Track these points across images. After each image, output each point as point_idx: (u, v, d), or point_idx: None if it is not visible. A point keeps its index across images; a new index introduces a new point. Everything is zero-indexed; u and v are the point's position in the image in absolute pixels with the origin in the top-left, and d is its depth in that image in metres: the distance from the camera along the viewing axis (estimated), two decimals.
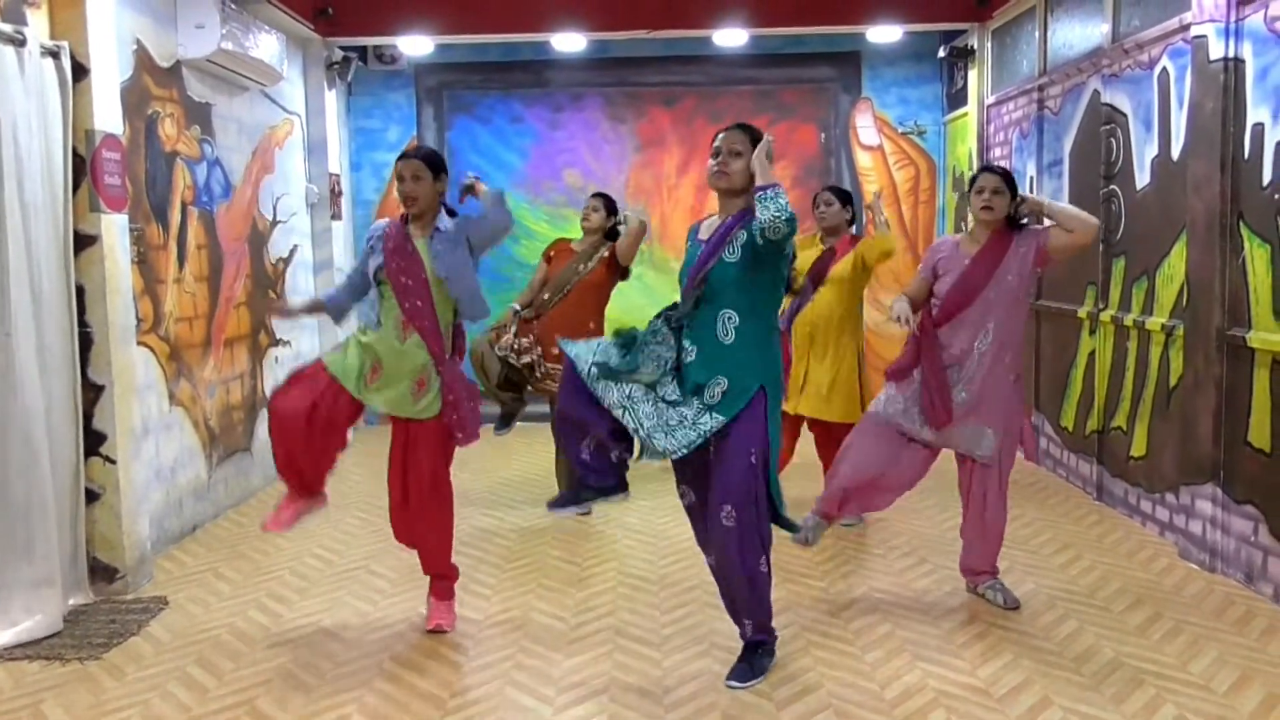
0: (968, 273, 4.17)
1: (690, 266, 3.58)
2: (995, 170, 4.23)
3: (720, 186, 3.55)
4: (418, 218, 4.03)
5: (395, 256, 3.97)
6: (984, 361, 4.15)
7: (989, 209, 4.15)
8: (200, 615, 4.38)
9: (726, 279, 3.46)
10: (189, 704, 3.54)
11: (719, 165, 3.53)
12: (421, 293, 3.96)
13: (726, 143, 3.53)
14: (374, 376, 3.99)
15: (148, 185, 5.22)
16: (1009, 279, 4.13)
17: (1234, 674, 3.59)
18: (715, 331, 3.47)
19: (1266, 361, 4.23)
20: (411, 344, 3.97)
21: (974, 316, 4.15)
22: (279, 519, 4.09)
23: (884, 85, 8.66)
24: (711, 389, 3.46)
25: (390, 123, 8.69)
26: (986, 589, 4.35)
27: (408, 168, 4.02)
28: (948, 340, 4.20)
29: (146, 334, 5.13)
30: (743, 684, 3.59)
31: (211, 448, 5.87)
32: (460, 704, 3.50)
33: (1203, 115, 4.56)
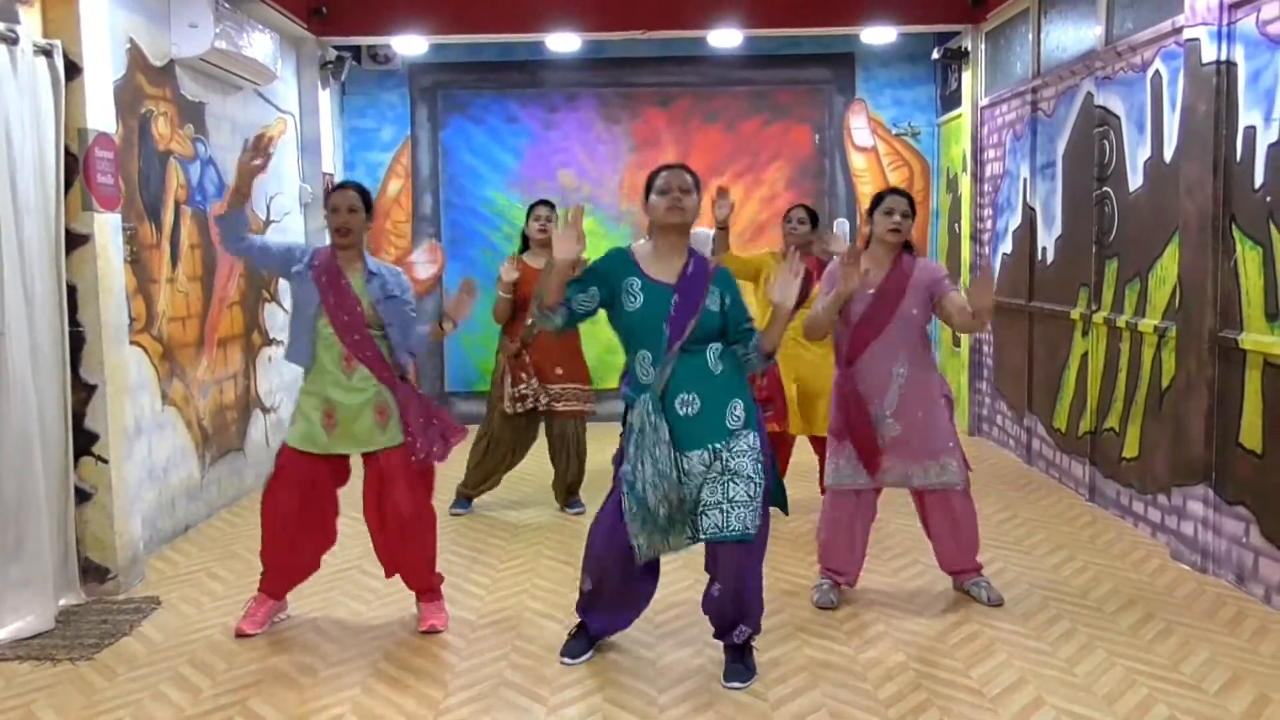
0: (875, 306, 4.17)
1: (664, 315, 3.44)
2: (902, 193, 4.25)
3: (676, 221, 3.50)
4: (346, 250, 4.00)
5: (330, 293, 3.94)
6: (907, 393, 4.18)
7: (897, 231, 4.16)
8: (193, 615, 4.37)
9: (711, 326, 3.50)
10: (181, 704, 3.53)
11: (674, 202, 3.47)
12: (360, 328, 3.95)
13: (677, 181, 3.49)
14: (330, 423, 3.98)
15: (141, 184, 5.20)
16: (913, 312, 4.18)
17: (1225, 674, 3.60)
18: (707, 368, 3.50)
19: (1258, 363, 4.24)
20: (359, 377, 3.97)
21: (885, 347, 4.18)
22: (254, 620, 4.15)
23: (878, 86, 8.68)
24: (732, 413, 3.50)
25: (384, 122, 8.68)
26: (971, 585, 4.38)
27: (344, 199, 3.96)
28: (865, 373, 4.21)
29: (139, 333, 5.12)
30: (745, 684, 3.60)
31: (204, 447, 5.86)
32: (454, 704, 3.49)
33: (1195, 118, 4.57)
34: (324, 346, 3.98)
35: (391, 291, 4.01)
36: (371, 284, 3.99)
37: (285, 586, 4.22)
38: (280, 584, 4.19)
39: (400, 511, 4.03)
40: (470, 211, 8.75)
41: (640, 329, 3.48)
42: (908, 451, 4.21)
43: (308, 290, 3.97)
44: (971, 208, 7.82)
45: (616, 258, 3.55)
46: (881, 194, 4.27)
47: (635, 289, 3.48)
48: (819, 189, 8.71)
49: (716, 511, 3.44)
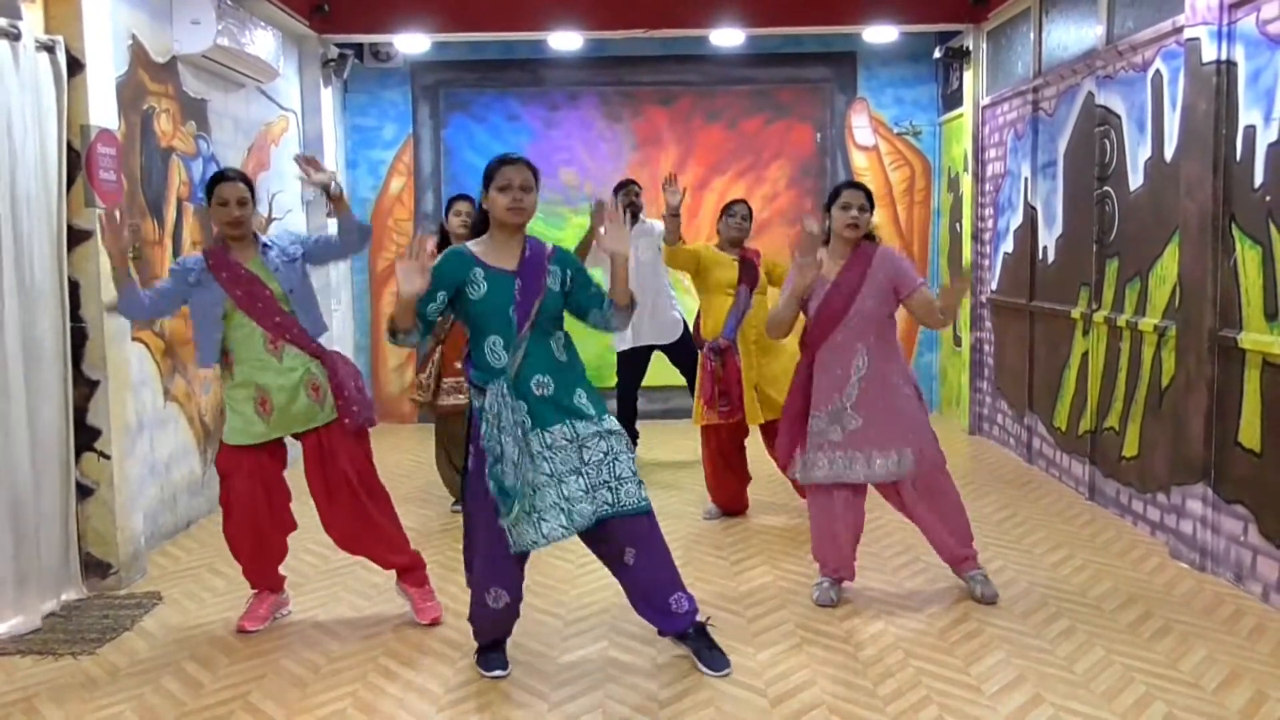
0: (829, 298, 4.18)
1: (509, 299, 3.48)
2: (859, 186, 4.24)
3: (520, 221, 3.55)
4: (239, 241, 3.99)
5: (235, 286, 3.92)
6: (868, 385, 4.18)
7: (854, 226, 4.16)
8: (194, 611, 4.38)
9: (555, 308, 3.58)
10: (183, 699, 3.54)
11: (517, 201, 3.51)
12: (275, 309, 3.95)
13: (520, 178, 3.52)
14: (265, 410, 3.96)
15: (143, 181, 5.22)
16: (868, 304, 4.17)
17: (1223, 672, 3.61)
18: (553, 354, 3.57)
19: (1257, 363, 4.25)
20: (289, 357, 3.96)
21: (843, 340, 4.19)
22: (255, 616, 4.16)
23: (880, 85, 8.68)
24: (580, 399, 3.57)
25: (386, 120, 8.69)
26: (969, 577, 4.38)
27: (233, 192, 3.92)
28: (826, 364, 4.22)
29: (141, 330, 5.14)
30: (730, 667, 3.65)
31: (206, 444, 5.87)
32: (455, 699, 3.51)
33: (1195, 117, 4.58)
34: (242, 340, 3.94)
35: (290, 254, 4.04)
36: (268, 258, 3.99)
37: (268, 577, 4.20)
38: (263, 576, 4.18)
39: (350, 483, 4.02)
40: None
41: (488, 316, 3.50)
42: (865, 442, 4.20)
43: (213, 293, 3.92)
44: (973, 207, 7.83)
45: (454, 258, 3.56)
46: (839, 187, 4.26)
47: (479, 278, 3.51)
48: (820, 188, 8.71)
49: (605, 490, 3.50)
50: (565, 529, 3.46)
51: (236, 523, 4.05)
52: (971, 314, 7.90)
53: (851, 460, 4.23)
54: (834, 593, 4.35)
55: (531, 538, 3.45)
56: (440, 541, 5.30)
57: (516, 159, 3.56)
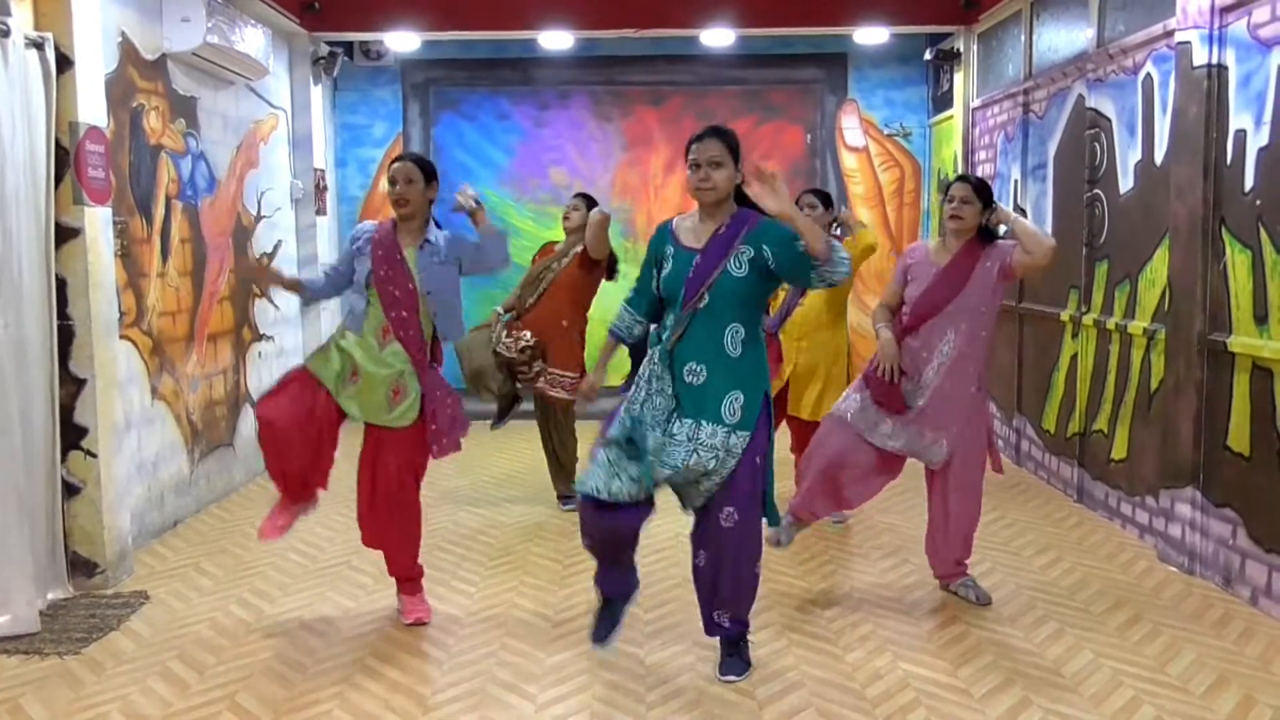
0: (934, 285, 4.21)
1: (684, 276, 3.43)
2: (968, 180, 4.26)
3: (708, 201, 3.46)
4: (406, 221, 4.01)
5: (384, 265, 3.96)
6: (946, 373, 4.21)
7: (957, 218, 4.19)
8: (181, 610, 4.36)
9: (731, 293, 3.40)
10: (169, 699, 3.52)
11: (702, 180, 3.43)
12: (408, 303, 3.96)
13: (705, 154, 3.43)
14: (353, 380, 3.99)
15: (132, 178, 5.19)
16: (972, 294, 4.18)
17: (1211, 676, 3.61)
18: (723, 346, 3.42)
19: (1247, 366, 4.26)
20: (390, 352, 3.97)
21: (938, 327, 4.21)
22: (274, 525, 4.09)
23: (870, 87, 8.69)
24: (730, 405, 3.41)
25: (376, 119, 8.67)
26: (959, 586, 4.39)
27: (401, 170, 3.98)
28: (912, 347, 4.25)
29: (129, 328, 5.10)
30: (740, 676, 3.62)
31: (194, 442, 5.84)
32: (442, 700, 3.49)
33: (1186, 121, 4.59)
34: (369, 314, 4.00)
35: (441, 258, 4.00)
36: (423, 254, 3.99)
37: (303, 489, 4.08)
38: (296, 489, 4.07)
39: (390, 490, 4.02)
40: None
41: (668, 292, 3.50)
42: (920, 420, 4.22)
43: (363, 263, 3.99)
44: None
45: (657, 236, 3.60)
46: (950, 181, 4.32)
47: (668, 255, 3.52)
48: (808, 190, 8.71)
49: (679, 450, 3.40)
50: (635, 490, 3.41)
51: (270, 417, 3.95)
52: None
53: (898, 431, 4.24)
54: (790, 534, 4.35)
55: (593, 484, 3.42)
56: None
57: (706, 133, 3.45)
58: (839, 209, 5.39)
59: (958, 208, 4.17)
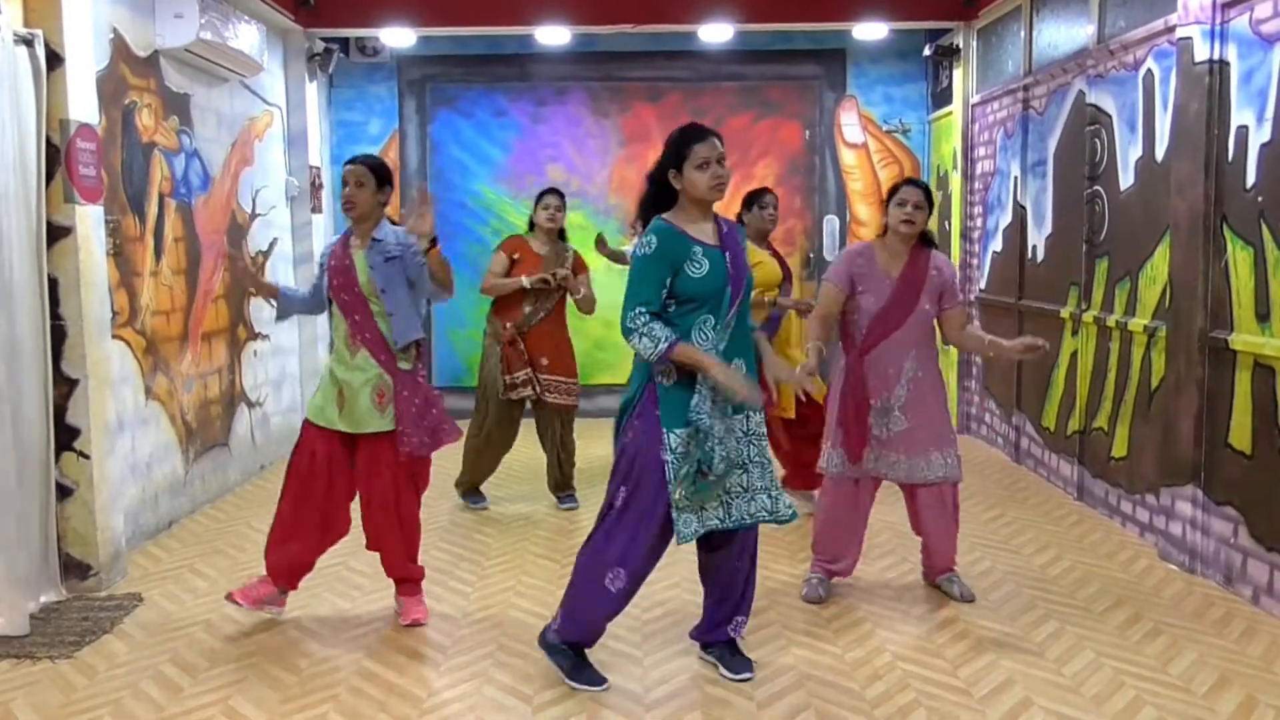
0: (897, 296, 4.15)
1: (725, 274, 3.37)
2: (919, 184, 4.23)
3: (720, 199, 3.45)
4: (358, 224, 4.00)
5: (336, 274, 3.98)
6: (916, 389, 4.18)
7: (910, 223, 4.14)
8: (175, 612, 4.32)
9: (748, 290, 3.51)
10: (162, 702, 3.49)
11: (716, 176, 3.37)
12: (360, 307, 3.95)
13: (717, 153, 3.39)
14: (340, 400, 3.98)
15: (124, 176, 5.14)
16: (926, 308, 4.17)
17: (1213, 675, 3.59)
18: (749, 336, 3.50)
19: (1248, 364, 4.23)
20: (361, 357, 3.97)
21: (900, 341, 4.17)
22: (248, 594, 4.10)
23: (869, 83, 8.65)
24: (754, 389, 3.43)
25: (372, 115, 8.62)
26: (943, 580, 4.38)
27: (352, 173, 3.98)
28: (877, 364, 4.18)
29: (122, 327, 5.07)
30: (754, 673, 3.61)
31: (188, 442, 5.81)
32: (438, 703, 3.46)
33: (1187, 117, 4.56)
34: (336, 327, 4.05)
35: (390, 253, 3.96)
36: (371, 253, 3.96)
37: (287, 568, 4.10)
38: (284, 564, 4.08)
39: (384, 499, 4.01)
40: (459, 205, 8.69)
41: (707, 293, 3.35)
42: (914, 445, 4.18)
43: (324, 277, 4.05)
44: (962, 205, 7.81)
45: (671, 239, 3.35)
46: (897, 184, 4.26)
47: (699, 256, 3.35)
48: (809, 185, 8.69)
49: (765, 497, 3.44)
50: (721, 522, 3.38)
51: (287, 493, 4.03)
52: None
53: (894, 462, 4.21)
54: (822, 589, 4.34)
55: (694, 528, 3.35)
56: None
57: (706, 134, 3.41)
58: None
59: (912, 213, 4.13)
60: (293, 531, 4.06)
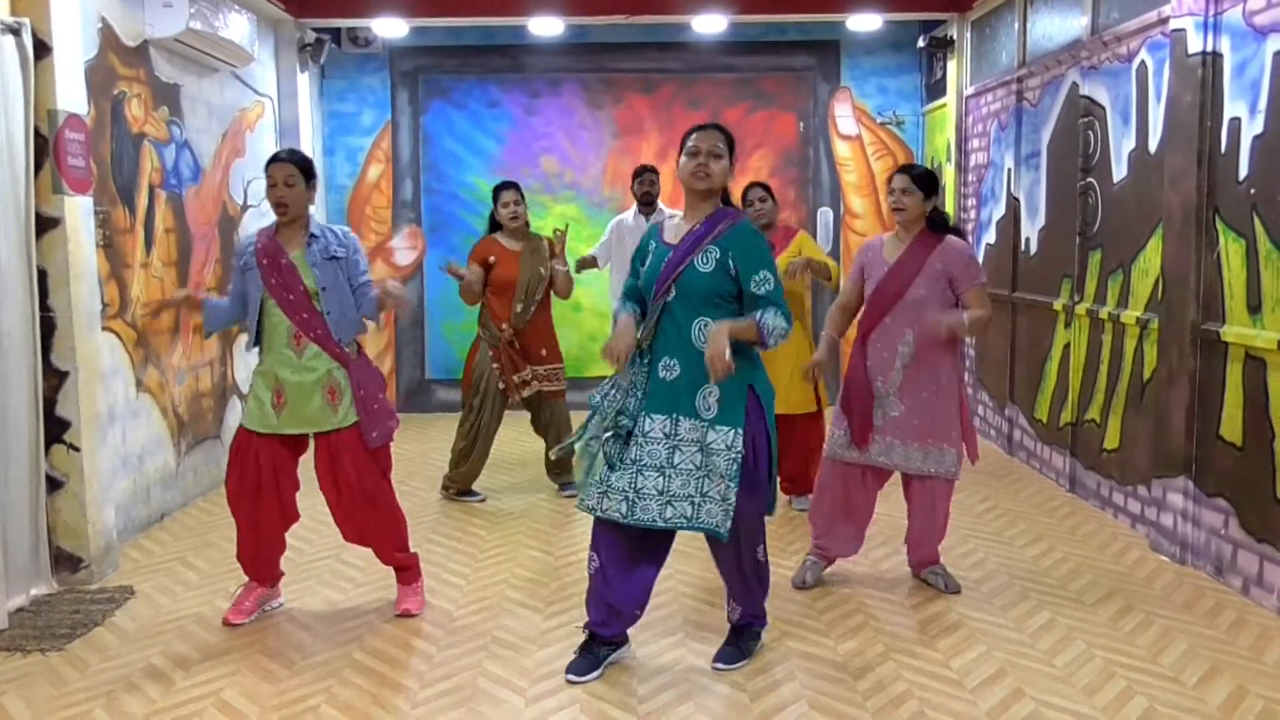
0: (885, 280, 4.21)
1: (656, 273, 3.43)
2: (907, 170, 4.24)
3: (702, 188, 3.42)
4: (288, 224, 3.95)
5: (272, 273, 3.90)
6: (913, 374, 4.17)
7: (899, 209, 4.19)
8: (167, 605, 4.31)
9: (697, 288, 3.37)
10: (154, 696, 3.48)
11: (699, 166, 3.39)
12: (306, 305, 3.90)
13: (707, 143, 3.41)
14: (279, 403, 3.94)
15: (114, 167, 5.11)
16: (920, 292, 4.15)
17: (1204, 666, 3.60)
18: (692, 341, 3.38)
19: (1240, 356, 4.24)
20: (309, 355, 3.92)
21: (893, 324, 4.19)
22: (240, 609, 4.09)
23: (863, 75, 8.63)
24: (705, 399, 3.38)
25: (364, 106, 8.58)
26: (928, 574, 4.40)
27: (280, 172, 3.89)
28: (875, 347, 4.23)
29: (113, 319, 5.04)
30: (729, 666, 3.60)
31: (180, 435, 5.79)
32: (431, 695, 3.46)
33: (1180, 109, 4.55)
34: (272, 328, 3.93)
35: (333, 253, 3.94)
36: (311, 250, 3.92)
37: (263, 570, 4.13)
38: (258, 566, 4.11)
39: (354, 489, 3.99)
40: (451, 197, 8.67)
41: (645, 288, 3.50)
42: (908, 432, 4.19)
43: (254, 278, 3.93)
44: (955, 197, 7.80)
45: (646, 234, 3.63)
46: (891, 173, 4.33)
47: (649, 250, 3.54)
48: (803, 177, 8.68)
49: (686, 504, 3.36)
50: (622, 516, 3.39)
51: (236, 505, 4.01)
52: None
53: (890, 447, 4.22)
54: (810, 575, 4.37)
55: (589, 503, 3.44)
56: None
57: (710, 124, 3.49)
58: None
59: (898, 199, 4.18)
60: (259, 544, 4.05)
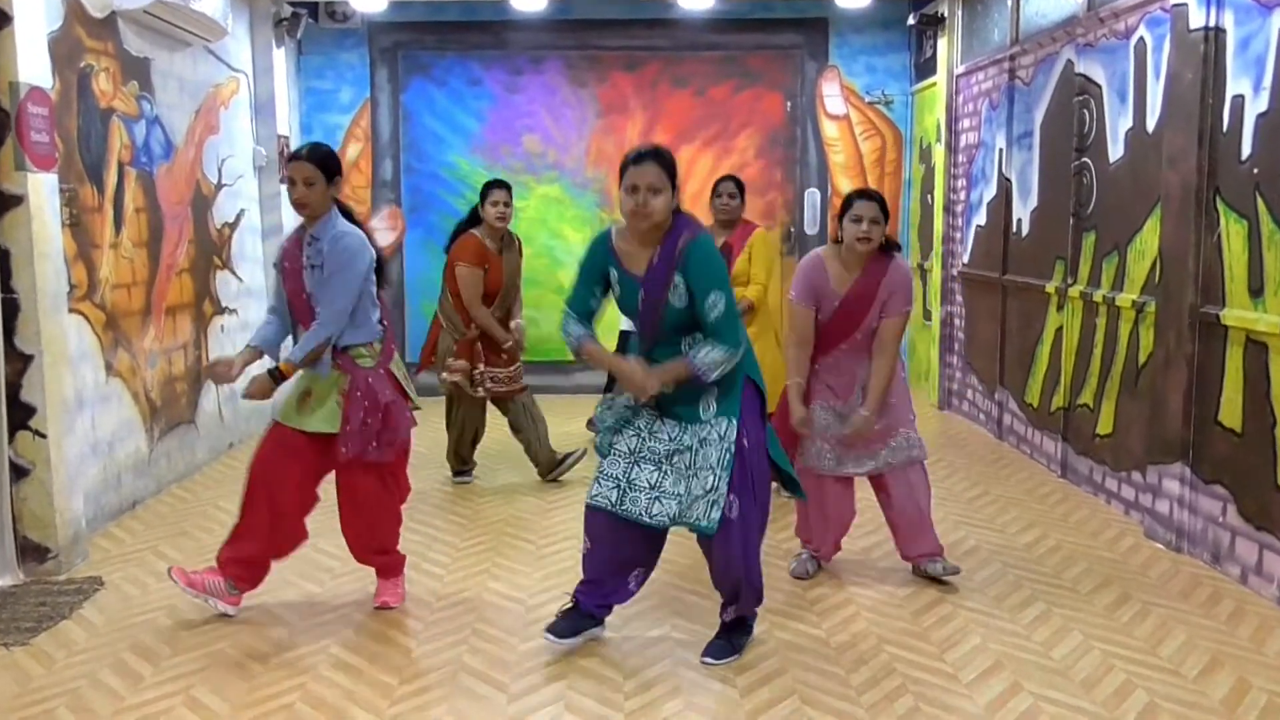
0: (843, 310, 4.07)
1: (635, 306, 3.41)
2: (872, 196, 4.06)
3: (644, 228, 3.34)
4: (312, 222, 3.81)
5: (289, 277, 3.83)
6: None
7: (867, 239, 4.00)
8: (137, 597, 4.17)
9: (680, 322, 3.38)
10: (121, 692, 3.34)
11: (639, 206, 3.30)
12: (301, 302, 3.81)
13: (644, 180, 3.29)
14: (306, 400, 3.82)
15: (80, 143, 4.93)
16: (879, 321, 4.09)
17: (1204, 658, 3.51)
18: (683, 353, 3.39)
19: (1240, 340, 4.14)
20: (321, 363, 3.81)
21: (852, 350, 4.14)
22: (191, 578, 3.84)
23: (851, 53, 8.50)
24: (704, 404, 3.40)
25: (343, 83, 8.39)
26: (928, 565, 4.28)
27: (299, 171, 3.73)
28: (831, 369, 4.16)
29: (80, 301, 4.88)
30: (718, 661, 3.51)
31: (153, 420, 5.63)
32: (410, 691, 3.33)
33: (1181, 86, 4.44)
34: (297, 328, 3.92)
35: (313, 261, 3.78)
36: (309, 251, 3.80)
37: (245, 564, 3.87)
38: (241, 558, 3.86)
39: (349, 488, 3.87)
40: (432, 176, 8.50)
41: (627, 314, 3.53)
42: (873, 439, 4.17)
43: (280, 279, 3.90)
44: (945, 178, 7.69)
45: (599, 250, 3.49)
46: (850, 198, 4.07)
47: (615, 279, 3.47)
48: (790, 157, 8.54)
49: (673, 502, 3.37)
50: (645, 515, 3.40)
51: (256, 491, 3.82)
52: (942, 287, 7.79)
53: (860, 458, 4.20)
54: (811, 565, 4.34)
55: (606, 499, 3.43)
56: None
57: (646, 155, 3.32)
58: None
59: (868, 229, 3.98)
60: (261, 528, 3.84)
